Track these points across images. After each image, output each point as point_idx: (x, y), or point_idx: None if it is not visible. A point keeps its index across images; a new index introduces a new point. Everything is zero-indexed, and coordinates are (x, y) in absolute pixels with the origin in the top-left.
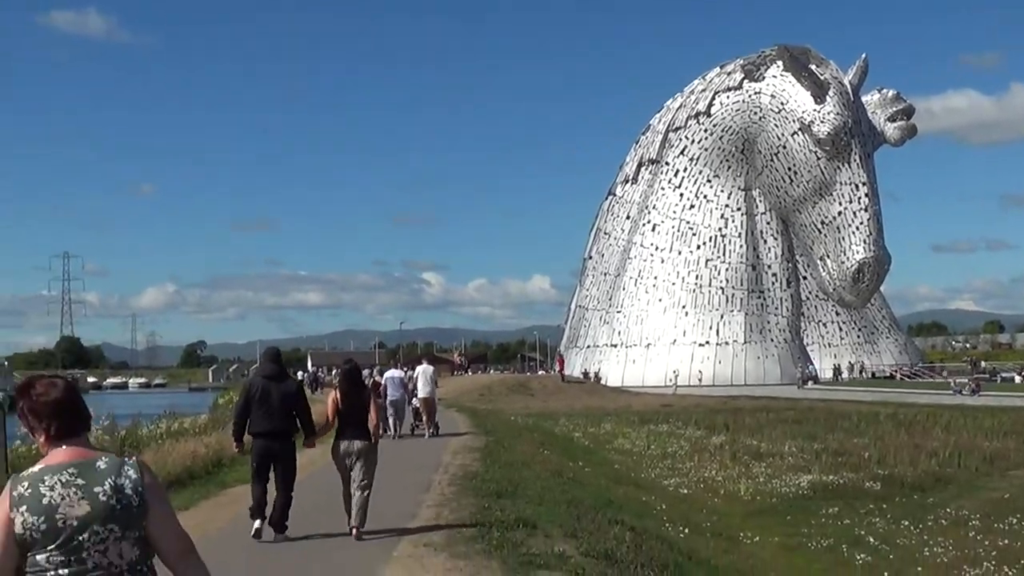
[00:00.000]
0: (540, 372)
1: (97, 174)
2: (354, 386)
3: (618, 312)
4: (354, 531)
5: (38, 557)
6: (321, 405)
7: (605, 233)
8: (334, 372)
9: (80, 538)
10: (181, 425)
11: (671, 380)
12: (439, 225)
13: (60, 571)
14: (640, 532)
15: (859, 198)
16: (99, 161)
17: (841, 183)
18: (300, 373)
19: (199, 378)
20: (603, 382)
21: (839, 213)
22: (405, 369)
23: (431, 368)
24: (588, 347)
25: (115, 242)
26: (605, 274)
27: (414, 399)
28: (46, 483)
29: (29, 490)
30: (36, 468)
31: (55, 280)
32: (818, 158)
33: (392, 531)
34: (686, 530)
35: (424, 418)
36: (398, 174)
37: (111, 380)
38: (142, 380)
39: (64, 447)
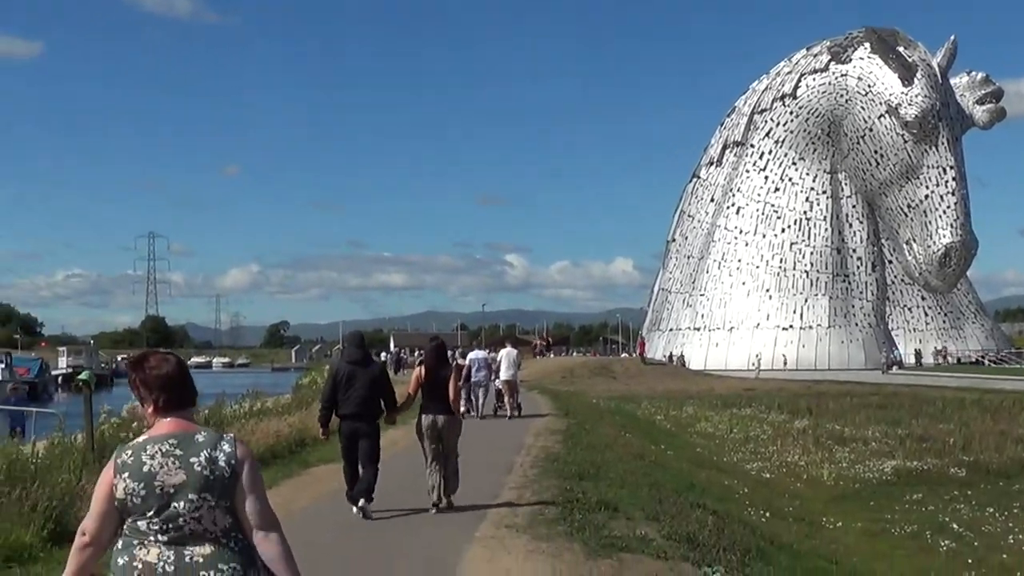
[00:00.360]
0: (622, 355)
1: (183, 155)
2: (440, 362)
3: (701, 295)
4: (439, 504)
5: (138, 523)
6: (403, 387)
7: (689, 216)
8: (416, 353)
9: (175, 505)
10: (264, 405)
11: (754, 364)
12: (522, 206)
13: (159, 537)
14: (722, 516)
15: (946, 182)
16: (185, 142)
17: (928, 166)
18: (383, 354)
19: (282, 358)
20: (687, 365)
21: (926, 197)
22: (488, 351)
23: (515, 351)
24: (671, 330)
25: (200, 222)
26: (689, 257)
27: (496, 380)
28: (148, 452)
29: (132, 458)
30: (141, 439)
31: (140, 260)
32: (905, 141)
33: (474, 512)
34: (768, 515)
35: (506, 399)
36: (482, 155)
37: (195, 360)
38: (225, 360)
39: (169, 419)
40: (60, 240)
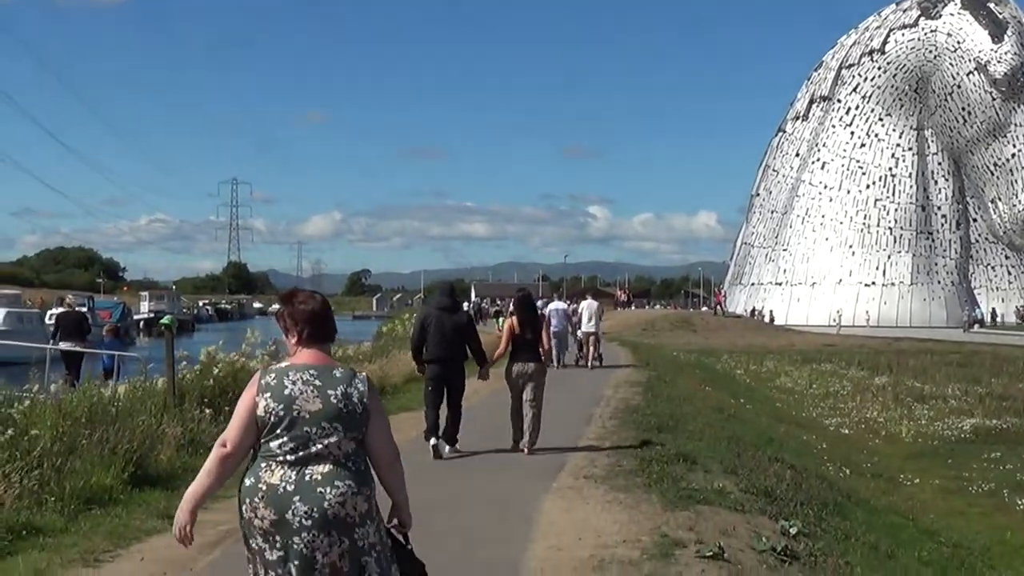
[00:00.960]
0: (703, 308)
1: (268, 101)
2: (529, 312)
3: (784, 250)
4: (525, 449)
5: (272, 443)
6: (484, 337)
7: (773, 170)
8: (499, 303)
9: (308, 429)
10: (345, 352)
11: (835, 320)
12: (607, 158)
13: (287, 457)
14: (800, 471)
15: None
16: (270, 88)
17: (1016, 125)
18: (465, 304)
19: (363, 306)
20: (772, 320)
21: (1012, 155)
22: (568, 302)
23: (596, 303)
24: (752, 284)
25: (283, 169)
26: (772, 211)
27: (578, 331)
28: (290, 377)
29: (275, 380)
30: (283, 364)
31: (223, 206)
32: (993, 99)
33: (552, 462)
34: (846, 470)
35: (588, 351)
36: (569, 106)
37: (276, 306)
38: None
39: (310, 351)
40: (144, 185)
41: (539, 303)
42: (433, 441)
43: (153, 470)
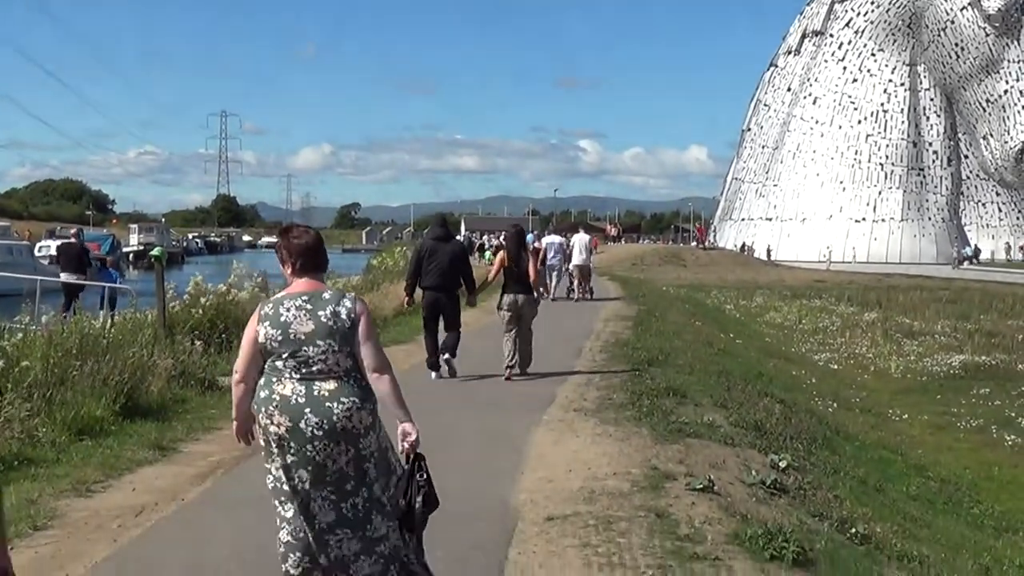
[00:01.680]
0: (693, 244)
1: (260, 33)
2: (520, 246)
3: (775, 185)
4: (510, 375)
5: (276, 363)
6: (476, 270)
7: (765, 105)
8: (485, 237)
9: (305, 349)
10: (335, 285)
11: (825, 255)
12: (599, 90)
13: (292, 374)
14: (789, 405)
15: None
16: (262, 20)
17: (1009, 61)
18: (458, 237)
19: (353, 240)
20: (769, 255)
21: (1005, 91)
22: (564, 235)
23: (587, 237)
24: (743, 220)
25: (274, 102)
26: (763, 147)
27: (569, 265)
28: (284, 306)
29: (272, 311)
30: (281, 295)
31: (212, 138)
32: (987, 34)
33: (542, 395)
34: (835, 405)
35: (578, 283)
36: (559, 38)
37: (266, 239)
38: None
39: (303, 280)
40: (134, 118)
41: (529, 237)
42: (434, 376)
43: (144, 402)
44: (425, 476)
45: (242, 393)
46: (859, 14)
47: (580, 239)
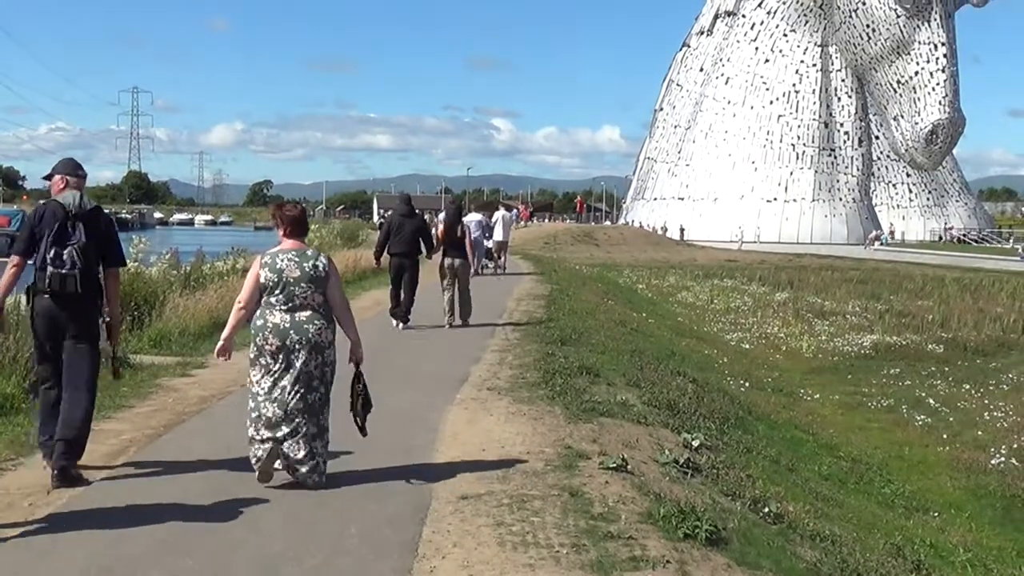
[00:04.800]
0: (606, 223)
1: (171, 8)
2: (457, 219)
3: (687, 165)
4: (453, 324)
5: (271, 298)
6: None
7: (677, 85)
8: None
9: (292, 288)
10: (249, 263)
11: (737, 236)
12: (512, 70)
13: (281, 307)
14: (702, 384)
15: (937, 58)
16: None
17: (920, 42)
18: (375, 219)
19: (265, 217)
20: (680, 235)
21: (916, 73)
22: (484, 214)
23: (509, 214)
24: (655, 199)
25: (186, 78)
26: (675, 127)
27: (489, 241)
28: (280, 257)
29: (270, 260)
30: (276, 249)
31: (124, 115)
32: (897, 16)
33: (455, 375)
34: (747, 384)
35: (497, 257)
36: (473, 16)
37: (177, 216)
38: (208, 217)
39: (292, 241)
40: (44, 93)
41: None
42: (402, 326)
43: None
44: (363, 385)
45: (241, 317)
46: None
47: (504, 216)
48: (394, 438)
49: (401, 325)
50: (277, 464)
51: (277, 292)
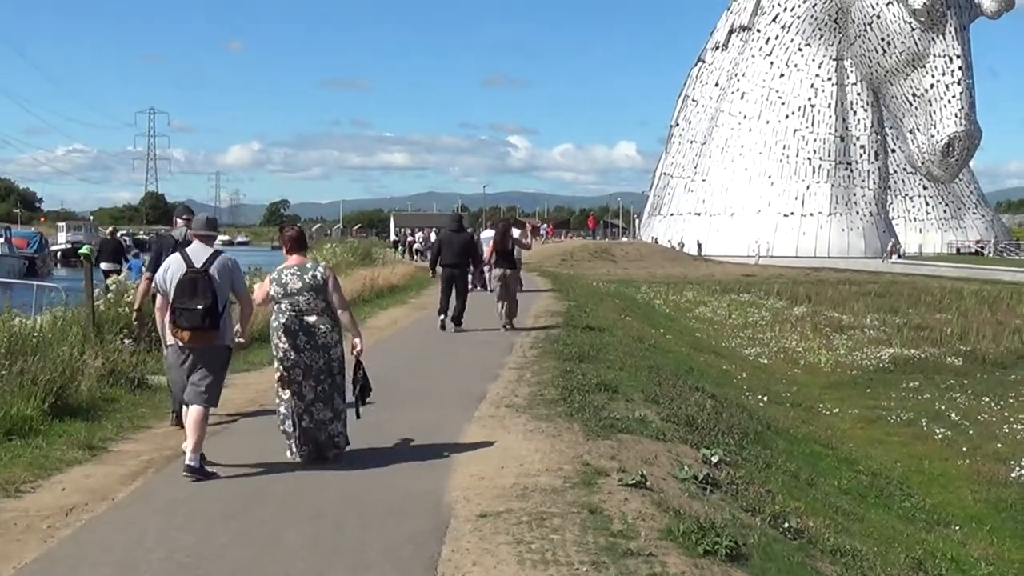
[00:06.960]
0: (623, 239)
1: (187, 30)
2: (505, 236)
3: (703, 180)
4: (506, 327)
5: (280, 306)
6: (403, 267)
7: (693, 100)
8: (417, 234)
9: (296, 297)
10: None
11: (754, 250)
12: (529, 88)
13: (290, 312)
14: (720, 400)
15: (952, 71)
16: (189, 17)
17: (934, 55)
18: (392, 237)
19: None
20: (698, 251)
21: (931, 86)
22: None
23: (519, 231)
24: (672, 215)
25: (202, 99)
26: (691, 142)
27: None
28: (284, 272)
29: (277, 275)
30: (282, 266)
31: (141, 136)
32: (912, 29)
33: (474, 393)
34: (766, 399)
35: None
36: (490, 36)
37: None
38: (225, 237)
39: (295, 256)
40: (62, 115)
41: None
42: (442, 318)
43: (74, 401)
44: (363, 373)
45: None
46: (786, 9)
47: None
48: (413, 456)
49: (454, 328)
50: (305, 448)
51: (283, 302)
